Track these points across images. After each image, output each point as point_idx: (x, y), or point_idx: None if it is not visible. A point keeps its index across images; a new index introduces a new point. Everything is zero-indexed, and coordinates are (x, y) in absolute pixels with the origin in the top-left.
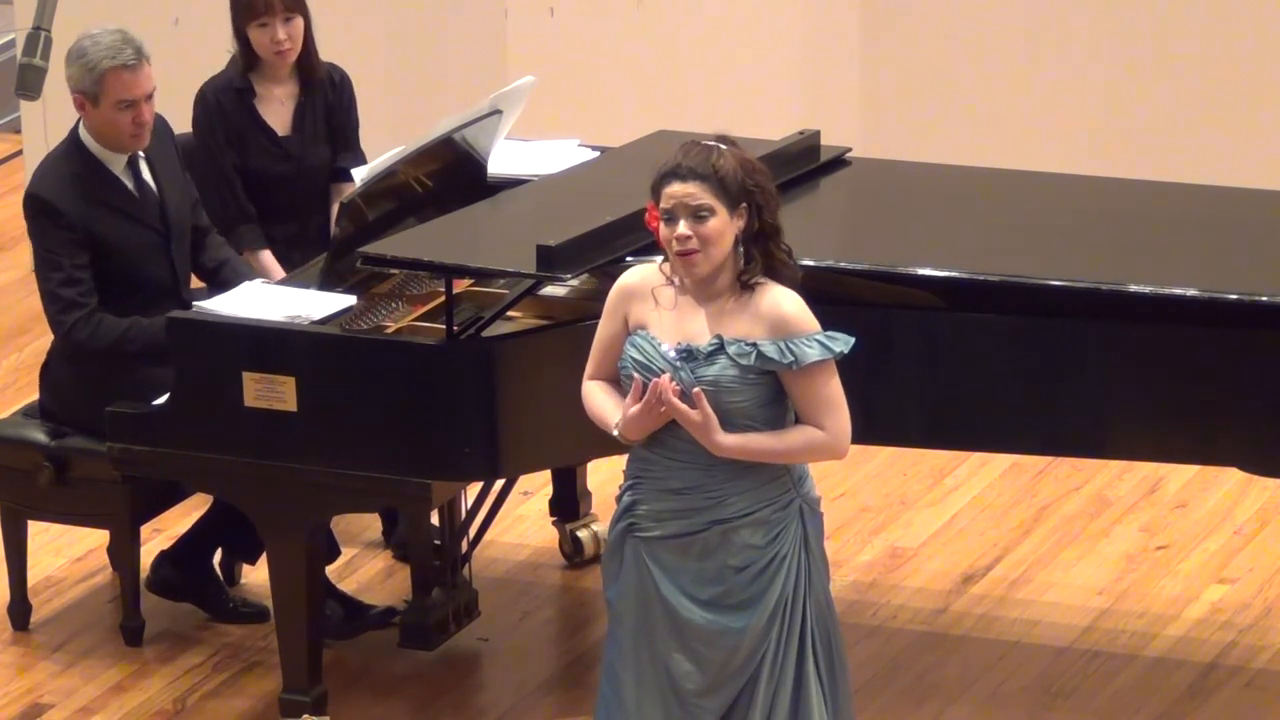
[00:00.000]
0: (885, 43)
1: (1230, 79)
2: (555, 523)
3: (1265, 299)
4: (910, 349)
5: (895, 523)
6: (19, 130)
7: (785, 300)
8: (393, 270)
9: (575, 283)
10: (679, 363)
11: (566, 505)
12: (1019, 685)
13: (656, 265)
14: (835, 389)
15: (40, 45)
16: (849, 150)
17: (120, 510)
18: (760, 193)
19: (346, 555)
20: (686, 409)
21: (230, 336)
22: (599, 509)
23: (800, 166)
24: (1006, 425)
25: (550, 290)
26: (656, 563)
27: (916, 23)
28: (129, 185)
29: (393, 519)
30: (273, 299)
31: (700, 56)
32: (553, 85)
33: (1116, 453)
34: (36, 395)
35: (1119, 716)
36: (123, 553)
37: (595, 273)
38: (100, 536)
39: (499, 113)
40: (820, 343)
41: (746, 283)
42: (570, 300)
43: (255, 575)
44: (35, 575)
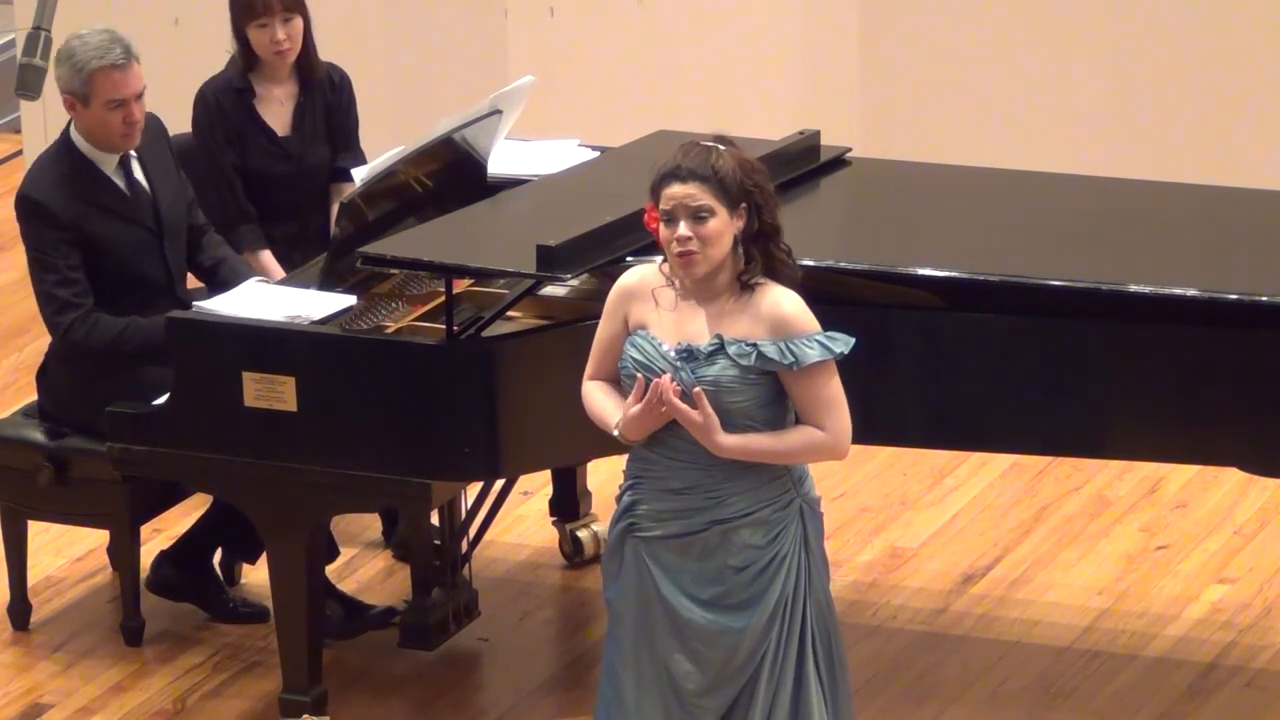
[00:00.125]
0: (885, 43)
1: (1230, 79)
2: (555, 523)
3: (1265, 299)
4: (910, 349)
5: (895, 523)
6: (19, 130)
7: (785, 300)
8: (393, 270)
9: (575, 283)
10: (679, 363)
11: (566, 505)
12: (1019, 685)
13: (656, 266)
14: (835, 389)
15: (40, 45)
16: (849, 150)
17: (120, 510)
18: (759, 193)
19: (346, 555)
20: (687, 409)
21: (230, 336)
22: (599, 509)
23: (800, 166)
24: (1006, 425)
25: (550, 290)
26: (657, 562)
27: (916, 23)
28: (120, 185)
29: (393, 519)
30: (273, 299)
31: (700, 56)
32: (553, 85)
33: (1116, 453)
34: (35, 397)
35: (1119, 716)
36: (123, 553)
37: (595, 273)
38: (100, 536)
39: (499, 113)
40: (820, 343)
41: (746, 283)
42: (570, 300)
43: (255, 575)
44: (35, 575)
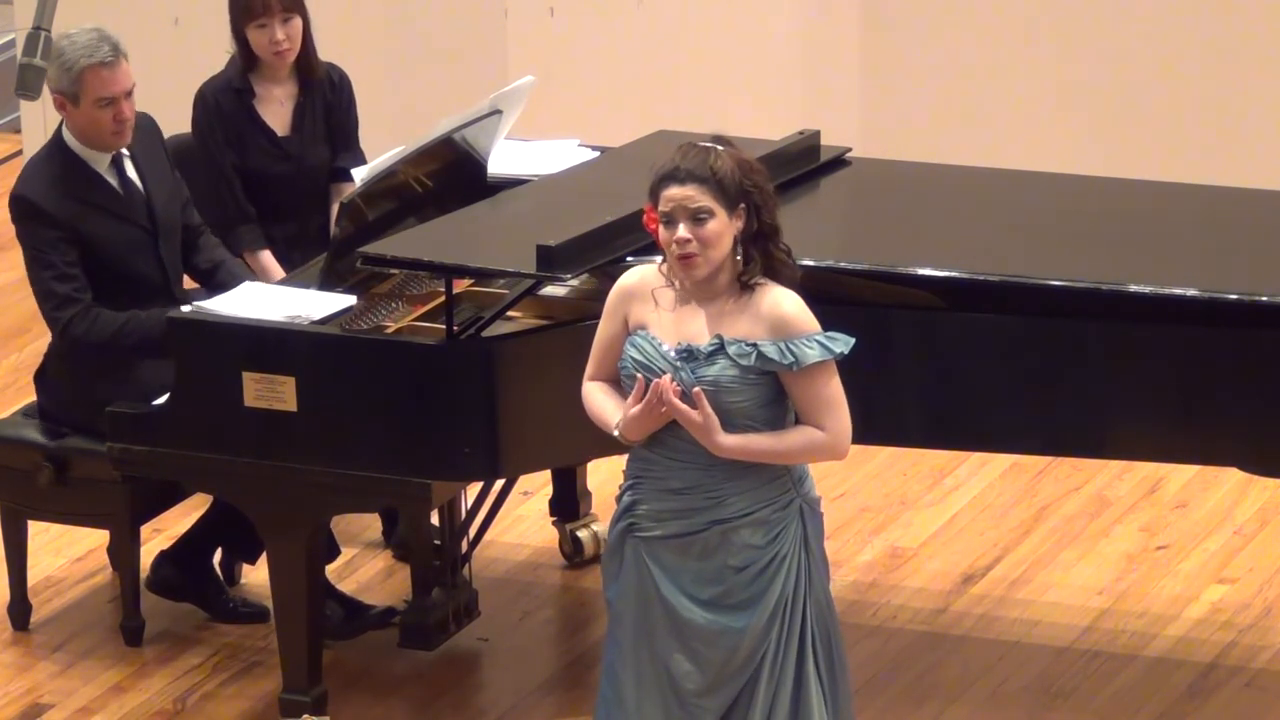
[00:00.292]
0: (885, 43)
1: (1230, 79)
2: (555, 523)
3: (1265, 299)
4: (910, 349)
5: (895, 523)
6: (19, 130)
7: (785, 300)
8: (393, 270)
9: (575, 283)
10: (679, 363)
11: (566, 505)
12: (1019, 685)
13: (656, 266)
14: (835, 389)
15: (40, 45)
16: (849, 150)
17: (120, 510)
18: (758, 193)
19: (346, 555)
20: (687, 409)
21: (230, 336)
22: (599, 509)
23: (800, 166)
24: (1006, 425)
25: (550, 290)
26: (656, 562)
27: (916, 23)
28: (113, 183)
29: (393, 519)
30: (273, 299)
31: (700, 56)
32: (553, 85)
33: (1116, 453)
34: (35, 397)
35: (1119, 716)
36: (123, 553)
37: (595, 273)
38: (100, 536)
39: (499, 113)
40: (820, 343)
41: (746, 283)
42: (570, 300)
43: (255, 575)
44: (35, 575)
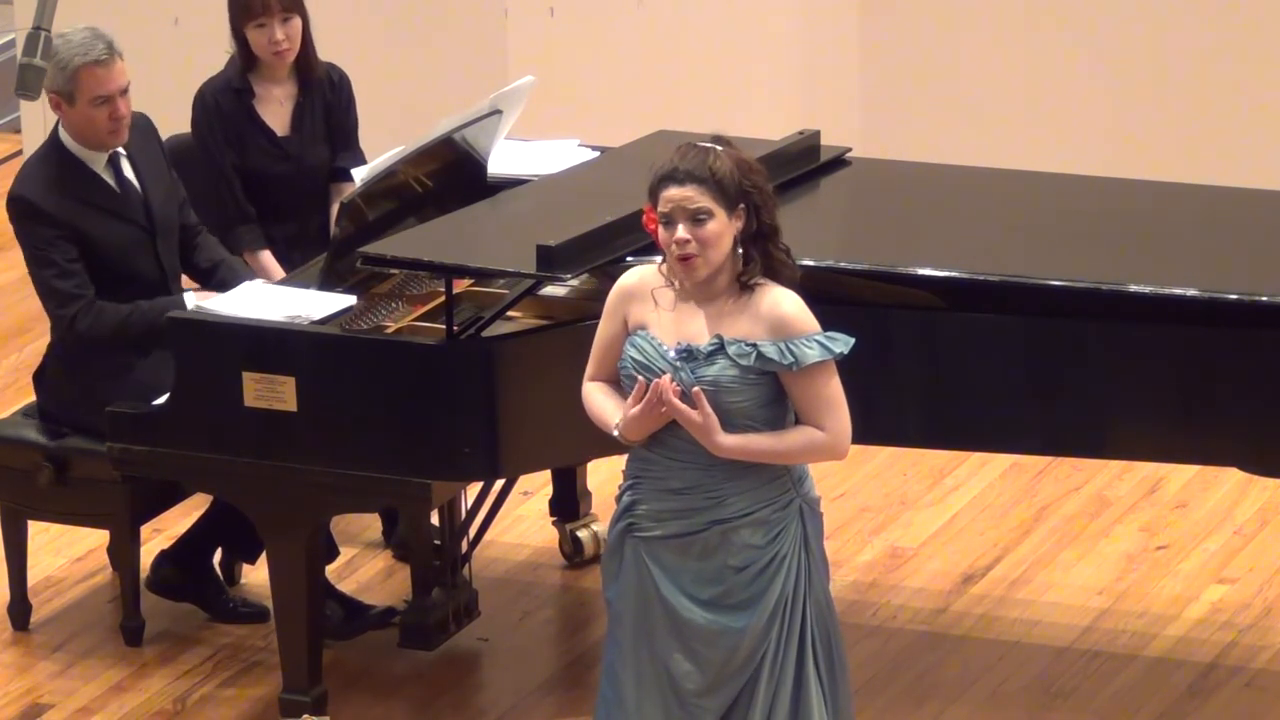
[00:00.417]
0: (885, 43)
1: (1230, 79)
2: (555, 523)
3: (1265, 299)
4: (910, 349)
5: (895, 523)
6: (19, 130)
7: (785, 301)
8: (393, 270)
9: (575, 283)
10: (679, 363)
11: (566, 505)
12: (1019, 685)
13: (656, 266)
14: (835, 390)
15: (40, 45)
16: (849, 150)
17: (120, 510)
18: (758, 193)
19: (346, 555)
20: (687, 409)
21: (230, 336)
22: (599, 509)
23: (800, 166)
24: (1006, 425)
25: (550, 290)
26: (656, 562)
27: (916, 23)
28: (111, 182)
29: (393, 519)
30: (273, 299)
31: (700, 56)
32: (553, 85)
33: (1116, 453)
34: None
35: (1119, 716)
36: (123, 553)
37: (595, 273)
38: (100, 536)
39: (499, 113)
40: (820, 343)
41: (746, 283)
42: (570, 300)
43: (255, 575)
44: (35, 575)
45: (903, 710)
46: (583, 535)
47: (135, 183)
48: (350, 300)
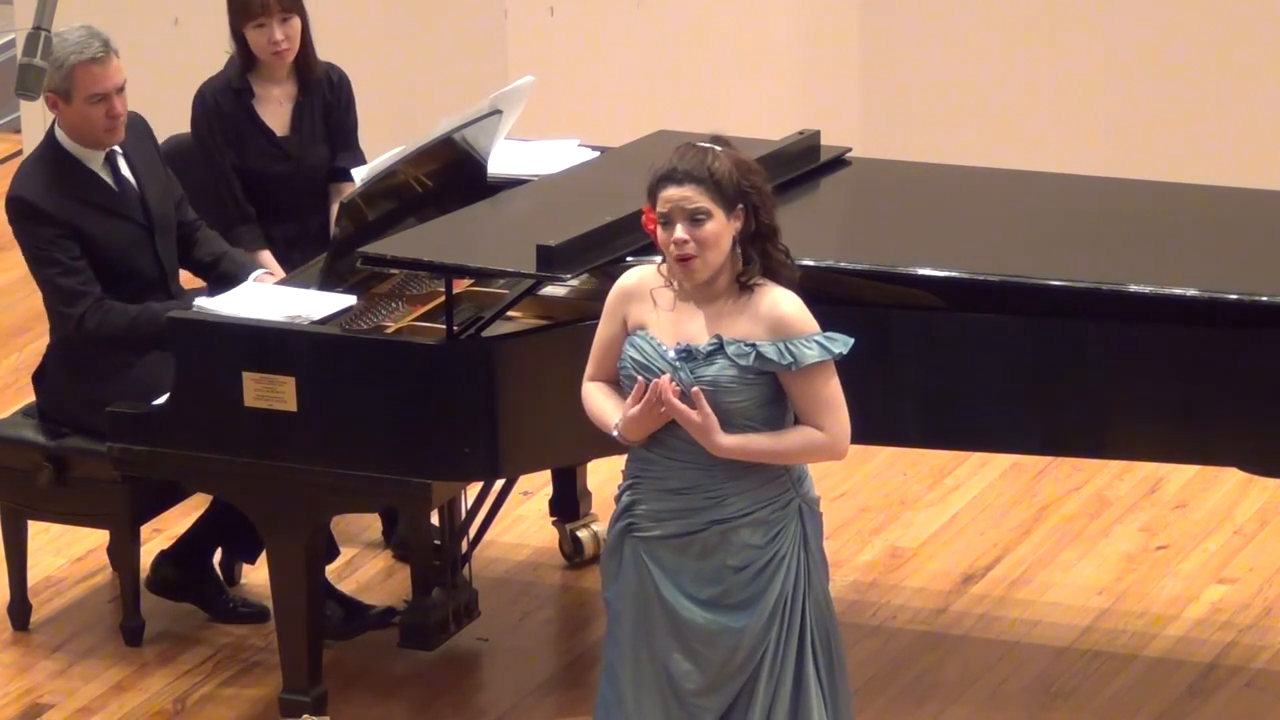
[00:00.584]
0: (885, 43)
1: (1230, 79)
2: (555, 523)
3: (1265, 299)
4: (910, 349)
5: (895, 523)
6: (19, 130)
7: (784, 301)
8: (393, 270)
9: (575, 283)
10: (678, 363)
11: (566, 505)
12: (1019, 685)
13: (655, 266)
14: (834, 390)
15: (40, 45)
16: (849, 150)
17: (120, 510)
18: (756, 193)
19: (346, 555)
20: (686, 409)
21: (230, 336)
22: (599, 509)
23: (800, 166)
24: (1006, 425)
25: (550, 290)
26: (656, 562)
27: (916, 23)
28: (108, 181)
29: (393, 519)
30: (273, 299)
31: (700, 56)
32: (553, 85)
33: (1116, 453)
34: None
35: (1119, 716)
36: (123, 553)
37: (595, 273)
38: (100, 536)
39: (499, 113)
40: (819, 344)
41: (745, 284)
42: (570, 300)
43: (255, 575)
44: (35, 575)
45: (903, 710)
46: (583, 535)
47: (132, 181)
48: (350, 300)
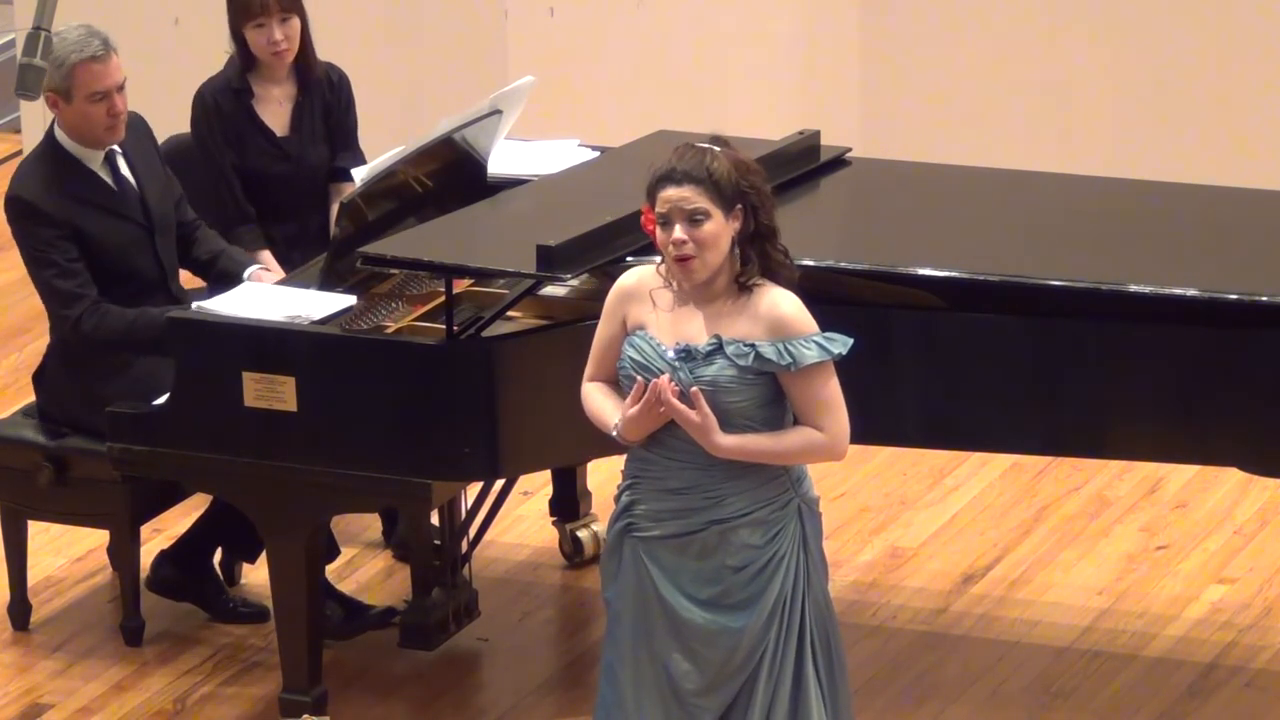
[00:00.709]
0: (885, 43)
1: (1230, 79)
2: (555, 523)
3: (1265, 299)
4: (910, 349)
5: (895, 523)
6: (19, 130)
7: (783, 301)
8: (393, 270)
9: (575, 283)
10: (677, 363)
11: (566, 505)
12: (1019, 685)
13: (654, 267)
14: (834, 390)
15: (40, 45)
16: (849, 150)
17: (120, 510)
18: (755, 193)
19: (346, 555)
20: (685, 409)
21: (230, 336)
22: (599, 509)
23: (800, 166)
24: (1006, 425)
25: (550, 290)
26: (655, 562)
27: (916, 23)
28: (108, 180)
29: (393, 519)
30: (273, 299)
31: (700, 56)
32: (553, 85)
33: (1116, 453)
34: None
35: (1119, 716)
36: (123, 553)
37: (595, 273)
38: (100, 536)
39: (499, 113)
40: (818, 344)
41: (744, 284)
42: (570, 300)
43: (255, 575)
44: (35, 575)
45: (903, 710)
46: (583, 535)
47: (132, 180)
48: (350, 300)
